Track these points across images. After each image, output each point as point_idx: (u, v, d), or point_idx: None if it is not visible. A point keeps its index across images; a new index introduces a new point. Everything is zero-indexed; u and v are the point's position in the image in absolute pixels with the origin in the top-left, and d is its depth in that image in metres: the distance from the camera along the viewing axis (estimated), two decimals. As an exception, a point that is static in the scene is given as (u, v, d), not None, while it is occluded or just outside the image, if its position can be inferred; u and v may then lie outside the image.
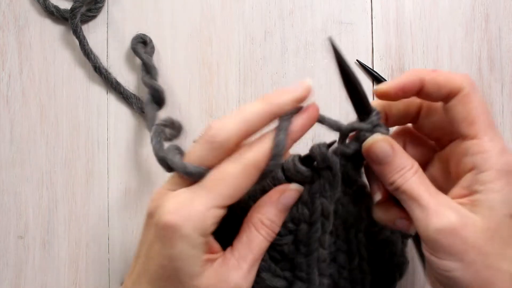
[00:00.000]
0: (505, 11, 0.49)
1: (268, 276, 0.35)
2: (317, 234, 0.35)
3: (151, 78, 0.46)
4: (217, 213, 0.30)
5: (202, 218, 0.29)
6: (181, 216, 0.29)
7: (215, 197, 0.30)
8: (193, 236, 0.29)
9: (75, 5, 0.46)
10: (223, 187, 0.30)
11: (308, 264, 0.35)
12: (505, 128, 0.48)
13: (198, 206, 0.30)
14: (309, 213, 0.34)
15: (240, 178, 0.30)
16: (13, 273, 0.47)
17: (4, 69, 0.49)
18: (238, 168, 0.30)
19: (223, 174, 0.30)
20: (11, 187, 0.48)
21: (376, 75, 0.48)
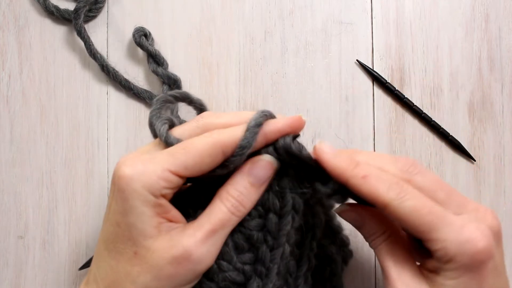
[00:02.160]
0: (505, 11, 0.49)
1: (229, 267, 0.34)
2: (287, 227, 0.34)
3: (164, 68, 0.47)
4: (171, 178, 0.31)
5: (154, 177, 0.30)
6: (134, 170, 0.30)
7: (173, 163, 0.31)
8: (142, 192, 0.30)
9: (79, 5, 0.46)
10: (184, 155, 0.31)
11: (271, 259, 0.34)
12: (505, 128, 0.48)
13: (152, 165, 0.31)
14: (280, 205, 0.34)
15: (203, 152, 0.31)
16: (13, 273, 0.47)
17: (4, 69, 0.49)
18: (204, 143, 0.31)
19: (188, 145, 0.31)
20: (11, 187, 0.48)
21: (376, 75, 0.48)
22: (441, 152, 0.48)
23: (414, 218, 0.30)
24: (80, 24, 0.47)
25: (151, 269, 0.31)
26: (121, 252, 0.32)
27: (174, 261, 0.31)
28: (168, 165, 0.31)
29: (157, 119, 0.33)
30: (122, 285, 0.32)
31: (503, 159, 0.48)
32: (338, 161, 0.32)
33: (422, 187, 0.32)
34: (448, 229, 0.30)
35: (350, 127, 0.48)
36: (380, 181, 0.31)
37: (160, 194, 0.31)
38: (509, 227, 0.47)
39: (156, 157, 0.31)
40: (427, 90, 0.48)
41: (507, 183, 0.48)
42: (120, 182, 0.31)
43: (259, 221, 0.34)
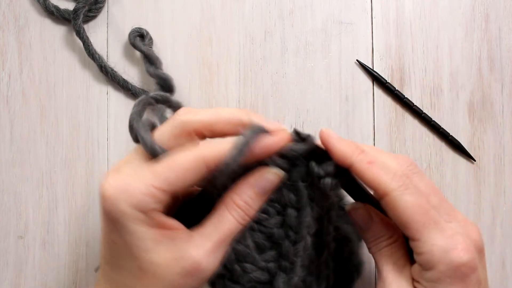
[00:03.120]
0: (505, 11, 0.49)
1: (252, 268, 0.34)
2: (307, 219, 0.33)
3: (156, 68, 0.46)
4: (158, 194, 0.30)
5: (139, 195, 0.30)
6: (117, 190, 0.30)
7: (157, 180, 0.30)
8: (129, 211, 0.30)
9: (78, 5, 0.46)
10: (168, 172, 0.30)
11: (295, 253, 0.34)
12: (505, 128, 0.48)
13: (136, 183, 0.30)
14: (296, 198, 0.34)
15: (187, 169, 0.30)
16: (13, 273, 0.47)
17: (4, 69, 0.49)
18: (188, 158, 0.30)
19: (172, 160, 0.31)
20: (11, 187, 0.48)
21: (376, 75, 0.48)
22: (441, 152, 0.48)
23: (410, 213, 0.30)
24: (79, 24, 0.47)
25: (159, 282, 0.31)
26: (124, 267, 0.31)
27: (183, 272, 0.30)
28: (151, 181, 0.30)
29: (138, 123, 0.32)
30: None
31: (503, 159, 0.48)
32: (344, 145, 0.32)
33: (419, 187, 0.32)
34: (439, 234, 0.30)
35: (350, 127, 0.48)
36: (385, 170, 0.31)
37: (148, 210, 0.30)
38: (509, 227, 0.47)
39: (137, 172, 0.31)
40: (427, 90, 0.48)
41: (507, 183, 0.48)
42: (106, 204, 0.30)
43: (278, 218, 0.34)
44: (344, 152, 0.32)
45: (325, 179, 0.33)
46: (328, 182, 0.33)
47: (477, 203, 0.47)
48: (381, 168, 0.31)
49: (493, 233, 0.47)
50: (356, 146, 0.32)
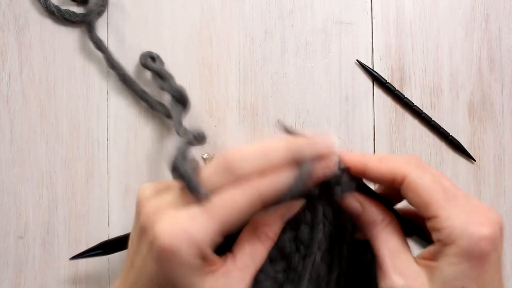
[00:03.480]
0: (505, 11, 0.49)
1: (263, 277, 0.34)
2: (319, 235, 0.34)
3: (170, 84, 0.47)
4: (215, 237, 0.29)
5: (201, 244, 0.28)
6: (179, 240, 0.28)
7: (215, 224, 0.29)
8: (191, 261, 0.29)
9: (91, 17, 0.46)
10: (225, 213, 0.29)
11: (304, 267, 0.35)
12: (505, 128, 0.48)
13: (197, 231, 0.28)
14: (311, 216, 0.34)
15: (243, 207, 0.29)
16: (13, 273, 0.47)
17: (4, 69, 0.49)
18: (244, 197, 0.29)
19: (227, 202, 0.29)
20: (11, 187, 0.48)
21: (376, 75, 0.48)
22: (441, 152, 0.48)
23: (430, 190, 0.31)
24: (95, 36, 0.47)
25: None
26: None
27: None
28: (211, 228, 0.29)
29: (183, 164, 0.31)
30: None
31: (503, 159, 0.48)
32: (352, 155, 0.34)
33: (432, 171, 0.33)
34: (460, 210, 0.30)
35: (350, 127, 0.48)
36: (397, 160, 0.33)
37: (207, 254, 0.30)
38: (509, 227, 0.47)
39: (195, 221, 0.29)
40: (427, 90, 0.48)
41: (507, 183, 0.48)
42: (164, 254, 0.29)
43: (291, 233, 0.35)
44: (355, 158, 0.33)
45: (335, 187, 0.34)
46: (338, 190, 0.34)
47: (477, 203, 0.47)
48: (394, 160, 0.33)
49: (493, 233, 0.47)
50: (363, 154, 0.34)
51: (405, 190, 0.32)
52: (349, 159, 0.33)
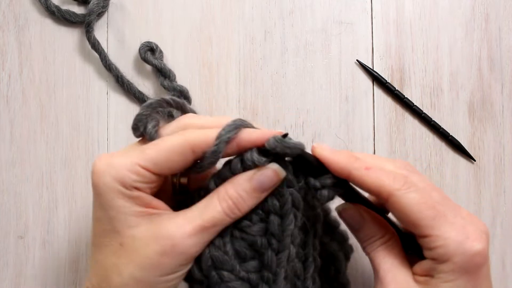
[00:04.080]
0: (505, 11, 0.49)
1: (230, 277, 0.33)
2: (290, 227, 0.33)
3: (170, 81, 0.47)
4: (142, 172, 0.31)
5: (123, 170, 0.31)
6: (104, 165, 0.31)
7: (142, 158, 0.31)
8: (113, 184, 0.31)
9: (90, 18, 0.46)
10: (155, 151, 0.31)
11: (278, 263, 0.33)
12: (505, 128, 0.48)
13: (122, 159, 0.31)
14: (279, 204, 0.33)
15: (173, 150, 0.31)
16: (13, 273, 0.47)
17: (4, 69, 0.49)
18: (175, 141, 0.31)
19: (160, 142, 0.32)
20: (11, 187, 0.48)
21: (376, 75, 0.48)
22: (441, 152, 0.48)
23: (418, 210, 0.30)
24: (93, 37, 0.47)
25: (137, 259, 0.31)
26: (106, 245, 0.32)
27: (161, 250, 0.31)
28: (137, 160, 0.31)
29: (147, 115, 0.33)
30: (110, 278, 0.32)
31: (503, 159, 0.48)
32: (339, 156, 0.32)
33: (420, 186, 0.32)
34: (450, 227, 0.30)
35: (350, 127, 0.48)
36: (384, 173, 0.32)
37: (132, 187, 0.31)
38: (509, 227, 0.47)
39: (127, 152, 0.32)
40: (427, 90, 0.48)
41: (507, 183, 0.48)
42: (93, 177, 0.32)
43: (261, 226, 0.33)
44: (340, 163, 0.32)
45: (322, 191, 0.33)
46: (324, 194, 0.33)
47: (477, 203, 0.47)
48: (380, 171, 0.32)
49: (493, 233, 0.47)
50: (351, 155, 0.33)
51: (391, 208, 0.32)
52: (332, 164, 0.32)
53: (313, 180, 0.33)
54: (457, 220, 0.31)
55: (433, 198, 0.32)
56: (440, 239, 0.30)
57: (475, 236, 0.30)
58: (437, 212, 0.30)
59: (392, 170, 0.32)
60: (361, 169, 0.32)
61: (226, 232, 0.33)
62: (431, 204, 0.31)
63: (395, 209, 0.31)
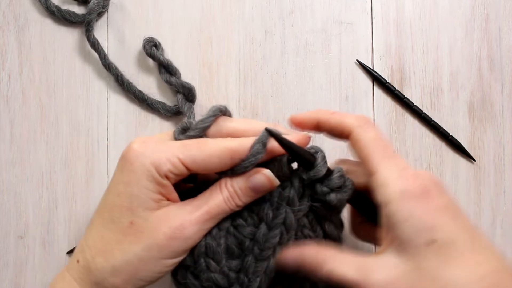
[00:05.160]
0: (505, 11, 0.49)
1: (216, 268, 0.35)
2: (273, 241, 0.34)
3: (177, 78, 0.47)
4: (178, 165, 0.33)
5: (163, 158, 0.32)
6: (146, 148, 0.33)
7: (183, 152, 0.33)
8: (149, 167, 0.32)
9: (90, 17, 0.46)
10: (195, 150, 0.33)
11: (254, 271, 0.34)
12: (505, 128, 0.48)
13: (164, 148, 0.33)
14: (272, 215, 0.34)
15: (212, 153, 0.33)
16: (13, 273, 0.47)
17: (4, 69, 0.49)
18: (216, 146, 0.33)
19: (201, 143, 0.34)
20: (11, 187, 0.48)
21: (376, 75, 0.48)
22: (441, 152, 0.48)
23: (372, 146, 0.33)
24: (93, 36, 0.47)
25: (144, 239, 0.33)
26: (115, 222, 0.33)
27: (169, 233, 0.32)
28: (178, 153, 0.33)
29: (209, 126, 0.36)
30: (111, 252, 0.33)
31: (503, 159, 0.48)
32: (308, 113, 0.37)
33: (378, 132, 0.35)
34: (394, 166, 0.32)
35: (350, 127, 0.48)
36: (347, 115, 0.35)
37: (165, 175, 0.33)
38: (509, 227, 0.47)
39: (169, 143, 0.34)
40: (427, 90, 0.48)
41: (507, 183, 0.48)
42: (131, 155, 0.33)
43: (252, 229, 0.35)
44: (309, 115, 0.36)
45: (330, 195, 0.34)
46: (333, 197, 0.34)
47: (477, 203, 0.47)
48: (344, 114, 0.36)
49: (493, 233, 0.47)
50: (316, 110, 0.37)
51: (351, 144, 0.35)
52: (302, 116, 0.36)
53: (319, 185, 0.34)
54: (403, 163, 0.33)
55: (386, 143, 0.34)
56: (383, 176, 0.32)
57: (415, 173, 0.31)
58: (387, 152, 0.33)
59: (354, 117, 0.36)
60: (327, 113, 0.36)
61: (224, 226, 0.35)
62: (384, 145, 0.33)
63: (354, 144, 0.34)
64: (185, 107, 0.46)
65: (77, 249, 0.35)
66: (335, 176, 0.34)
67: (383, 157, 0.33)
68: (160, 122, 0.48)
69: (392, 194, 0.31)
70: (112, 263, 0.33)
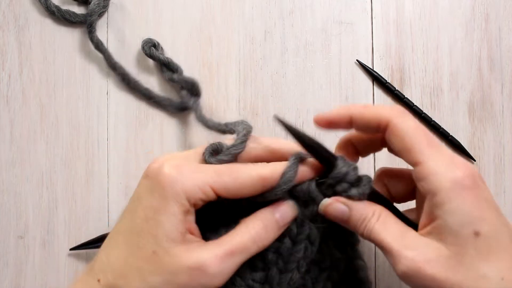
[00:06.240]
0: (505, 11, 0.49)
1: (240, 282, 0.35)
2: (298, 255, 0.35)
3: (179, 74, 0.47)
4: (209, 193, 0.32)
5: (195, 187, 0.31)
6: (180, 174, 0.31)
7: (217, 181, 0.32)
8: (181, 195, 0.31)
9: (92, 19, 0.46)
10: (228, 178, 0.32)
11: (279, 282, 0.35)
12: (505, 128, 0.48)
13: (198, 175, 0.32)
14: (296, 232, 0.35)
15: (245, 181, 0.32)
16: (13, 273, 0.47)
17: (4, 69, 0.49)
18: (249, 174, 0.32)
19: (234, 168, 0.33)
20: (11, 187, 0.48)
21: (376, 75, 0.48)
22: (441, 152, 0.48)
23: (413, 135, 0.32)
24: (96, 37, 0.47)
25: (164, 272, 0.31)
26: (140, 248, 0.32)
27: (189, 270, 0.31)
28: (211, 181, 0.32)
29: None
30: (130, 279, 0.32)
31: (503, 159, 0.48)
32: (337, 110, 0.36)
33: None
34: (440, 155, 0.31)
35: (350, 127, 0.48)
36: (382, 106, 0.35)
37: (194, 204, 0.32)
38: (509, 227, 0.47)
39: (202, 169, 0.33)
40: (427, 90, 0.48)
41: (507, 183, 0.48)
42: (164, 179, 0.31)
43: (276, 244, 0.35)
44: (340, 112, 0.35)
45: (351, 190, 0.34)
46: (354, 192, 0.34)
47: (477, 203, 0.47)
48: (377, 106, 0.35)
49: (493, 233, 0.47)
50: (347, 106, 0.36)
51: (389, 135, 0.33)
52: (331, 114, 0.35)
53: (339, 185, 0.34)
54: (448, 152, 0.32)
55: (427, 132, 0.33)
56: (430, 166, 0.31)
57: (463, 163, 0.31)
58: (430, 140, 0.32)
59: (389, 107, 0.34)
60: (359, 107, 0.34)
61: None
62: (426, 133, 0.32)
63: (393, 134, 0.33)
64: (191, 101, 0.46)
65: (96, 265, 0.34)
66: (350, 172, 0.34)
67: (428, 145, 0.31)
68: (160, 122, 0.48)
69: (444, 183, 0.30)
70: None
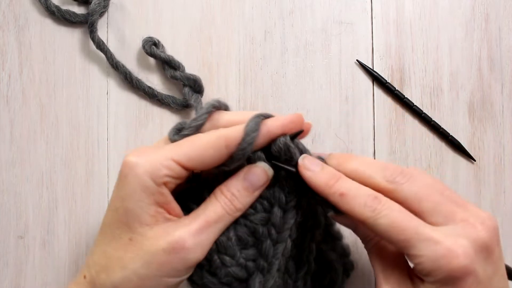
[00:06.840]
0: (505, 11, 0.49)
1: (232, 262, 0.35)
2: (291, 221, 0.34)
3: (182, 71, 0.47)
4: (174, 167, 0.32)
5: (157, 164, 0.31)
6: (139, 158, 0.32)
7: (177, 152, 0.32)
8: (143, 177, 0.31)
9: (93, 18, 0.46)
10: (188, 147, 0.32)
11: (274, 254, 0.34)
12: (505, 128, 0.48)
13: (157, 154, 0.32)
14: (285, 199, 0.34)
15: (207, 145, 0.32)
16: (13, 273, 0.47)
17: (4, 69, 0.49)
18: (209, 137, 0.33)
19: (194, 138, 0.33)
20: (11, 187, 0.48)
21: (376, 75, 0.48)
22: (441, 152, 0.48)
23: (390, 234, 0.31)
24: (98, 37, 0.47)
25: (143, 256, 0.32)
26: (116, 238, 0.33)
27: (167, 248, 0.31)
28: (172, 154, 0.32)
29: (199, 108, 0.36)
30: (112, 270, 0.32)
31: (503, 159, 0.48)
32: (319, 178, 0.33)
33: (407, 197, 0.32)
34: (424, 245, 0.30)
35: (350, 127, 0.48)
36: (357, 199, 0.32)
37: (162, 182, 0.32)
38: (509, 227, 0.47)
39: (162, 148, 0.33)
40: (427, 90, 0.48)
41: (507, 183, 0.48)
42: (124, 168, 0.32)
43: (264, 215, 0.35)
44: (319, 186, 0.33)
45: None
46: None
47: (477, 203, 0.47)
48: (353, 198, 0.32)
49: (493, 233, 0.47)
50: (332, 175, 0.33)
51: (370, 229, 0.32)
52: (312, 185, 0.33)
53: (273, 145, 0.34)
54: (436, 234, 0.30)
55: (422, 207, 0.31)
56: (416, 258, 0.30)
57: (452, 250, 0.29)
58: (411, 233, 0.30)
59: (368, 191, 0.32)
60: (336, 195, 0.32)
61: None
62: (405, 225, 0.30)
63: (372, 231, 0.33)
64: (192, 98, 0.46)
65: (84, 265, 0.35)
66: None
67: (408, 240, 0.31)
68: (160, 122, 0.48)
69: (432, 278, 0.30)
70: (112, 279, 0.32)
